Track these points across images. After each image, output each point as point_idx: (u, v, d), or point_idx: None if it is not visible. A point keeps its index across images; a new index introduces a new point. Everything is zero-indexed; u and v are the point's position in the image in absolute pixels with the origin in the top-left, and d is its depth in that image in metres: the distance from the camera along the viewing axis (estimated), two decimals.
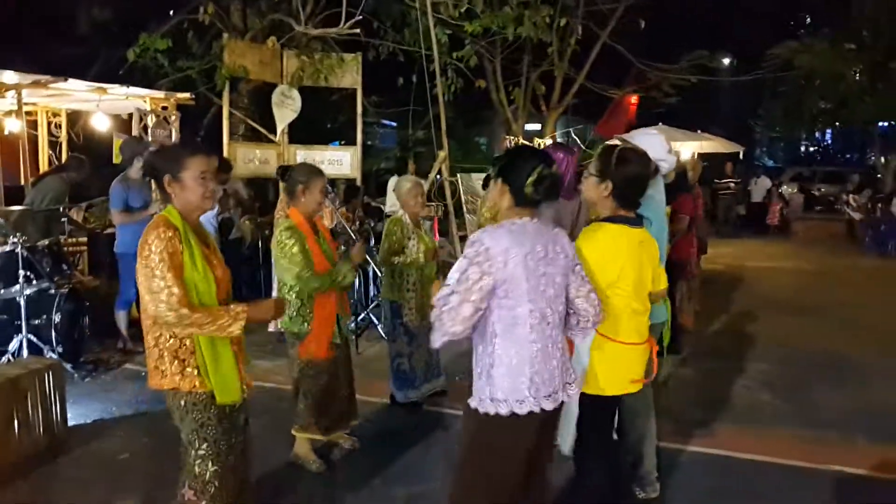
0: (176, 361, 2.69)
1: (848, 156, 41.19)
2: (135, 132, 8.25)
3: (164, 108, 8.87)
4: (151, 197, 6.61)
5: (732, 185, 17.58)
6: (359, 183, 9.80)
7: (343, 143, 14.45)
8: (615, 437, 3.44)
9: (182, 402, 2.73)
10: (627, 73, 17.10)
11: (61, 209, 7.06)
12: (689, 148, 15.48)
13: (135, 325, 6.83)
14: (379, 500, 3.80)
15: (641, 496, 3.63)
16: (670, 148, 3.69)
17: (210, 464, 2.77)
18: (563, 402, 2.62)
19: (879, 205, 14.95)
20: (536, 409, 2.47)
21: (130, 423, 4.79)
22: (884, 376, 5.96)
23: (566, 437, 3.00)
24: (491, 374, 2.49)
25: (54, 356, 5.38)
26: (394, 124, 18.85)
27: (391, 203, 10.18)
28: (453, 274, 2.42)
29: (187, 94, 9.11)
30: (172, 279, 2.56)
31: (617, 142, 3.51)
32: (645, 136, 3.64)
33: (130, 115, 8.61)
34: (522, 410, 2.46)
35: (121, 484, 3.92)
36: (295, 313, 3.88)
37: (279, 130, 9.48)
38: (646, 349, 3.06)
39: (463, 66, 10.26)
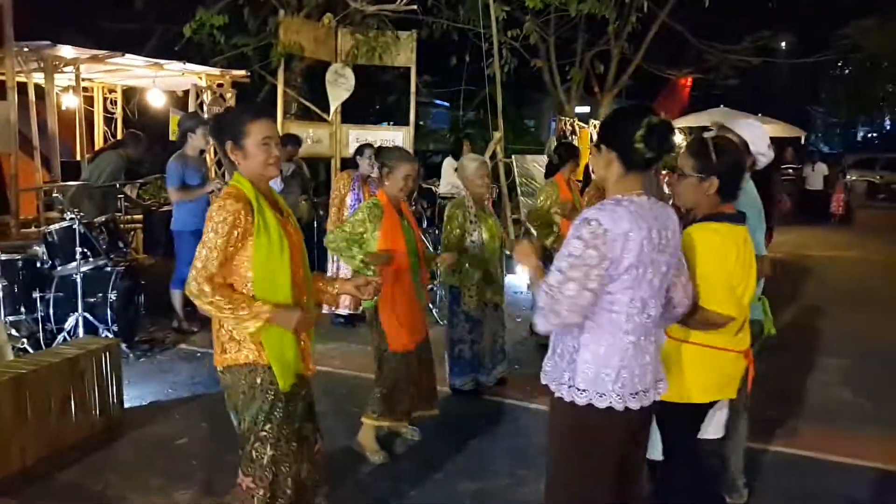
0: (254, 332, 2.56)
1: None
2: (191, 109, 8.19)
3: (220, 85, 8.79)
4: (208, 174, 6.55)
5: (792, 171, 16.93)
6: None
7: (392, 123, 14.27)
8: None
9: (251, 380, 2.60)
10: (685, 53, 16.56)
11: (118, 185, 7.03)
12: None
13: (190, 304, 6.83)
14: (444, 495, 3.62)
15: (729, 502, 3.39)
16: (770, 142, 3.40)
17: (269, 447, 2.63)
18: (653, 403, 2.39)
19: None
20: (619, 407, 2.23)
21: (187, 405, 4.70)
22: None
23: (655, 443, 2.77)
24: (574, 359, 2.26)
25: (110, 335, 5.32)
26: (446, 104, 18.56)
27: (445, 184, 9.98)
28: (563, 258, 2.17)
29: (242, 72, 9.01)
30: (217, 253, 2.46)
31: (706, 133, 3.20)
32: (749, 127, 3.34)
33: (186, 92, 8.57)
34: (601, 405, 2.23)
35: (178, 469, 3.81)
36: None
37: (332, 109, 9.33)
38: (745, 357, 2.81)
39: (518, 44, 9.95)
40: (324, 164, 10.38)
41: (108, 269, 5.57)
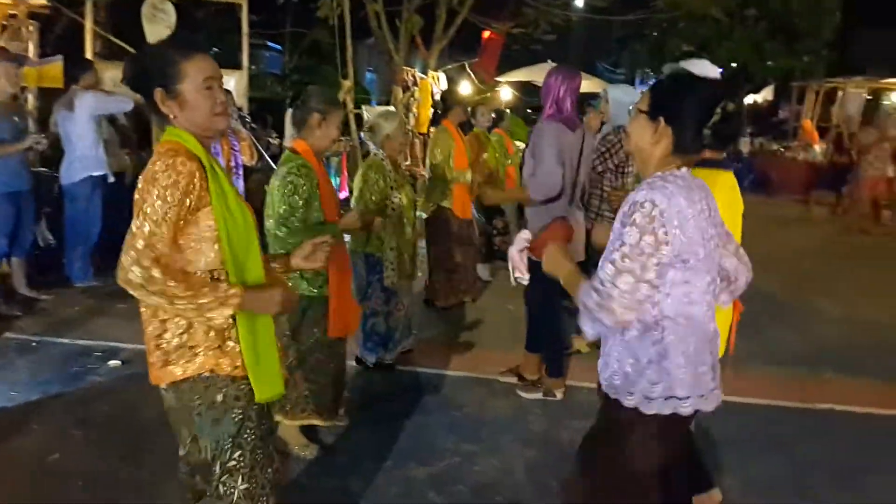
0: (213, 333, 1.96)
1: None
2: None
3: (13, 16, 7.26)
4: (26, 125, 5.42)
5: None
6: (245, 113, 8.69)
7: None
8: None
9: (210, 397, 1.99)
10: (505, 6, 16.61)
11: None
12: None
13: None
14: (398, 486, 3.20)
15: None
16: None
17: (241, 480, 2.06)
18: None
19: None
20: (718, 403, 2.00)
21: (43, 411, 3.77)
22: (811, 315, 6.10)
23: None
24: (663, 366, 1.93)
25: None
26: (278, 48, 17.06)
27: (289, 138, 9.18)
28: (615, 249, 1.86)
29: (43, 0, 7.52)
30: (166, 228, 1.84)
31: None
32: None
33: None
34: (709, 407, 1.97)
35: (67, 497, 3.02)
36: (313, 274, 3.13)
37: None
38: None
39: None
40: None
41: None
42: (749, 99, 20.33)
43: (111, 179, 5.87)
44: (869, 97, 16.07)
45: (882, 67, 16.41)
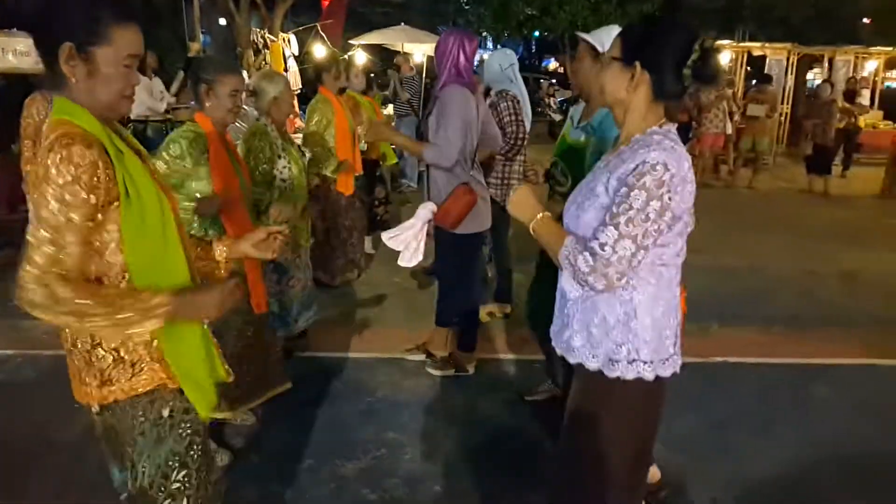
0: (155, 342, 1.67)
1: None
2: None
3: None
4: None
5: None
6: None
7: None
8: None
9: (155, 414, 1.70)
10: None
11: None
12: (423, 50, 15.21)
13: None
14: (328, 488, 2.95)
15: None
16: None
17: (185, 502, 1.77)
18: None
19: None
20: (676, 370, 1.92)
21: None
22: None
23: None
24: (632, 328, 1.84)
25: None
26: None
27: (139, 104, 8.31)
28: (621, 212, 1.72)
29: None
30: (71, 235, 1.50)
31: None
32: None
33: None
34: (666, 373, 1.89)
35: None
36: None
37: None
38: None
39: None
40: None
41: None
42: None
43: None
44: None
45: (706, 31, 17.58)
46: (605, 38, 3.08)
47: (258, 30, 11.37)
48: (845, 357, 4.42)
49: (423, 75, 11.74)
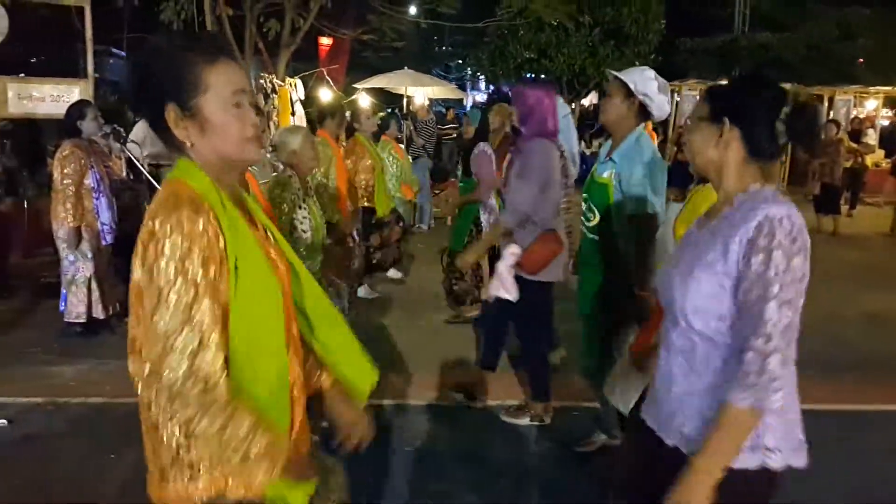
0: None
1: None
2: None
3: None
4: None
5: (454, 129, 17.98)
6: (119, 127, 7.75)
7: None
8: None
9: None
10: (348, 14, 16.26)
11: None
12: (424, 93, 15.41)
13: None
14: None
15: None
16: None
17: None
18: None
19: None
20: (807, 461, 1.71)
21: None
22: None
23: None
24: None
25: None
26: (123, 54, 15.36)
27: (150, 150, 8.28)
28: (776, 275, 1.56)
29: None
30: (210, 319, 1.32)
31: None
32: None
33: None
34: (801, 462, 1.68)
35: None
36: None
37: None
38: None
39: None
40: None
41: None
42: (586, 101, 21.40)
43: None
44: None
45: (702, 71, 17.85)
46: (638, 77, 3.16)
47: (266, 75, 11.42)
48: (882, 403, 4.34)
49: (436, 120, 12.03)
